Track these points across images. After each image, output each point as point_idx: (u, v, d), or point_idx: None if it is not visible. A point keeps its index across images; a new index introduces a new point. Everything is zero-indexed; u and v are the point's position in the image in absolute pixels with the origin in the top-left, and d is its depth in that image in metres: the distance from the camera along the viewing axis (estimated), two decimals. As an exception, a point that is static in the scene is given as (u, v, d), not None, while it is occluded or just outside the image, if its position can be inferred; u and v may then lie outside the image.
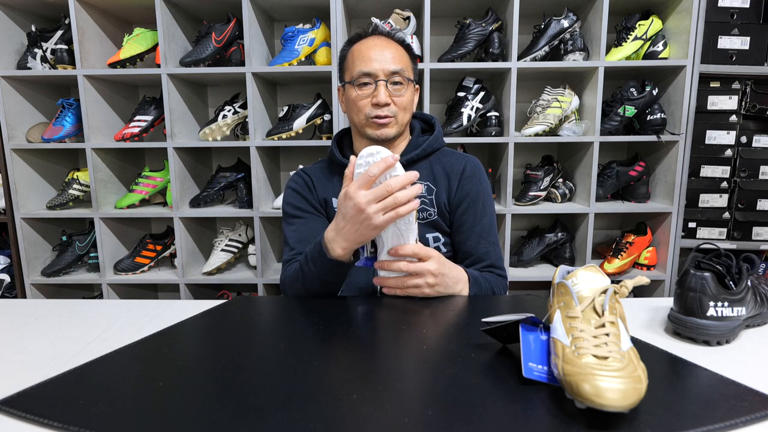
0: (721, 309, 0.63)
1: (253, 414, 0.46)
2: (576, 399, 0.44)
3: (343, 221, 0.76)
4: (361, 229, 0.75)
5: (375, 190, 0.72)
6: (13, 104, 1.69)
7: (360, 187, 0.73)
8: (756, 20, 1.61)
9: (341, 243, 0.78)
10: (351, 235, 0.76)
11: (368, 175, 0.72)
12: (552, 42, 1.63)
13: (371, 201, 0.72)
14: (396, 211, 0.72)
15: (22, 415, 0.48)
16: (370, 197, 0.72)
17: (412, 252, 0.79)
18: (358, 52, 0.98)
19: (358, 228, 0.75)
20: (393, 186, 0.71)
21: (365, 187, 0.73)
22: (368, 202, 0.72)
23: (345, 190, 0.75)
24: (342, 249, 0.79)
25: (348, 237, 0.77)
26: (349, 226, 0.75)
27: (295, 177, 1.09)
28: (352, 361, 0.59)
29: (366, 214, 0.72)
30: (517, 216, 1.84)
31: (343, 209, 0.75)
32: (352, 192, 0.73)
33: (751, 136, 1.67)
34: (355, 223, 0.74)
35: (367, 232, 0.75)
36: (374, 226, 0.73)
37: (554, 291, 0.57)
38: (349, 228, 0.76)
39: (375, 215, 0.72)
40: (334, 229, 0.79)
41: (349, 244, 0.78)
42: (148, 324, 0.74)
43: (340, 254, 0.80)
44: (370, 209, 0.72)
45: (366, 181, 0.73)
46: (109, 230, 1.76)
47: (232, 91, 1.85)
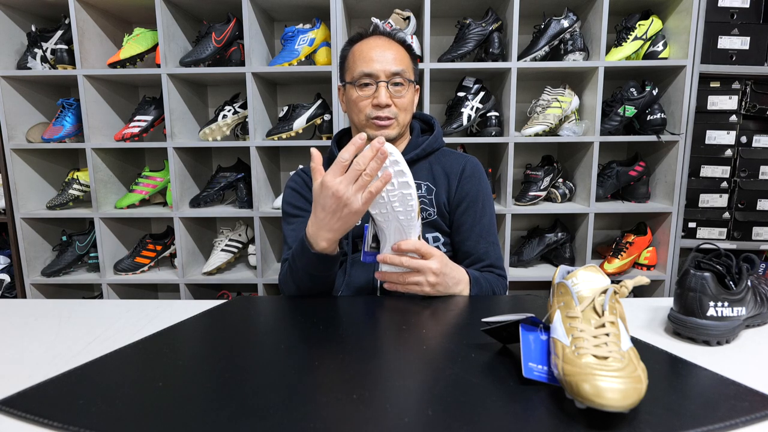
0: (721, 309, 0.63)
1: (253, 414, 0.46)
2: (576, 399, 0.44)
3: (323, 212, 0.74)
4: (342, 218, 0.74)
5: (348, 174, 0.71)
6: (13, 104, 1.69)
7: (335, 174, 0.71)
8: (756, 20, 1.61)
9: (325, 235, 0.77)
10: (333, 225, 0.75)
11: (340, 162, 0.71)
12: (552, 42, 1.63)
13: (347, 185, 0.71)
14: (368, 189, 0.71)
15: (22, 415, 0.48)
16: (345, 182, 0.71)
17: (415, 248, 0.79)
18: (360, 52, 0.98)
19: (340, 216, 0.74)
20: (361, 163, 0.70)
21: (339, 174, 0.71)
22: (345, 187, 0.71)
23: (319, 181, 0.73)
24: (326, 241, 0.78)
25: (330, 227, 0.76)
26: (330, 217, 0.74)
27: (294, 177, 1.09)
28: (352, 361, 0.59)
29: (344, 200, 0.71)
30: (517, 216, 1.84)
31: (321, 200, 0.74)
32: (328, 181, 0.72)
33: (751, 136, 1.67)
34: (335, 212, 0.73)
35: (350, 219, 0.74)
36: (355, 210, 0.72)
37: (554, 291, 0.57)
38: (330, 218, 0.74)
39: (353, 198, 0.71)
40: (314, 223, 0.78)
41: (333, 234, 0.77)
42: (148, 324, 0.74)
43: (325, 247, 0.79)
44: (347, 193, 0.71)
45: (339, 168, 0.71)
46: (109, 230, 1.77)
47: (232, 91, 1.85)
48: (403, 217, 0.77)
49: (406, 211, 0.76)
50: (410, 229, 0.79)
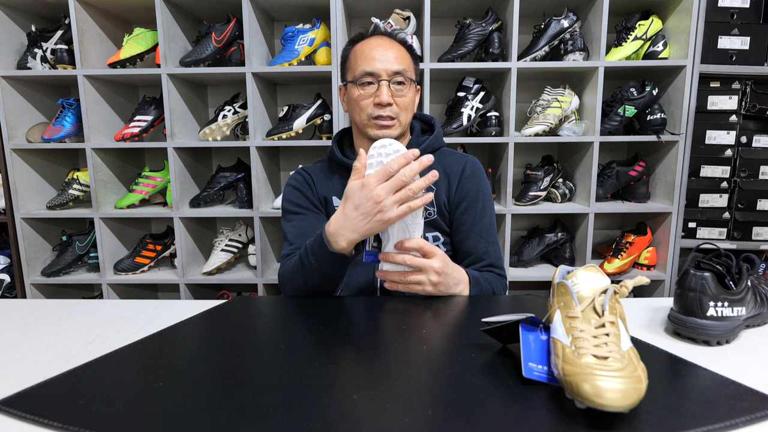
0: (721, 309, 0.63)
1: (253, 414, 0.46)
2: (576, 399, 0.44)
3: (355, 212, 0.75)
4: (372, 222, 0.75)
5: (391, 182, 0.72)
6: (13, 104, 1.69)
7: (379, 179, 0.73)
8: (756, 20, 1.61)
9: (347, 235, 0.77)
10: (360, 227, 0.76)
11: (388, 170, 0.72)
12: (552, 42, 1.63)
13: (389, 193, 0.72)
14: (408, 204, 0.73)
15: (22, 415, 0.48)
16: (387, 189, 0.72)
17: (418, 246, 0.79)
18: (361, 51, 0.98)
19: (370, 220, 0.74)
20: (407, 175, 0.72)
21: (383, 180, 0.73)
22: (386, 194, 0.72)
23: (362, 181, 0.74)
24: (346, 241, 0.78)
25: (356, 228, 0.76)
26: (361, 218, 0.75)
27: (295, 175, 1.09)
28: (352, 361, 0.59)
29: (381, 206, 0.73)
30: (517, 216, 1.84)
31: (357, 200, 0.74)
32: (371, 183, 0.73)
33: (751, 136, 1.67)
34: (368, 214, 0.74)
35: (377, 225, 0.75)
36: (386, 218, 0.74)
37: (554, 291, 0.57)
38: (361, 219, 0.75)
39: (390, 207, 0.73)
40: (340, 220, 0.78)
41: (356, 236, 0.77)
42: (148, 324, 0.74)
43: (344, 247, 0.79)
44: (387, 201, 0.72)
45: (384, 175, 0.73)
46: (109, 230, 1.77)
47: (232, 91, 1.85)
48: (408, 216, 0.77)
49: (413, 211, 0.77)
50: (414, 227, 0.79)
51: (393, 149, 0.76)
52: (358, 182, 0.75)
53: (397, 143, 0.76)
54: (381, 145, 0.77)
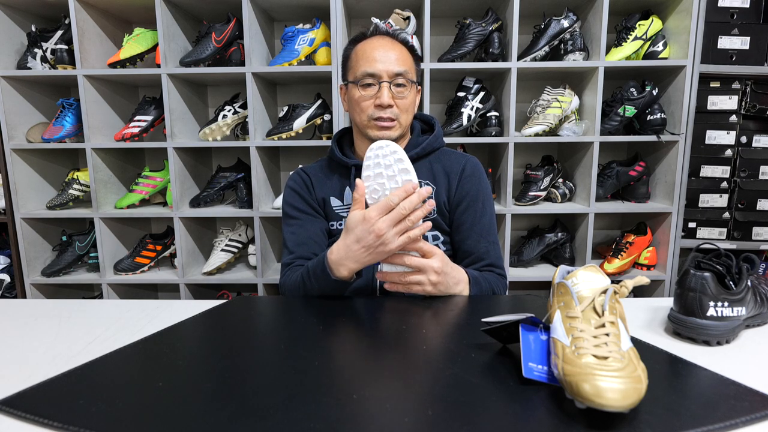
0: (721, 309, 0.63)
1: (253, 414, 0.46)
2: (576, 399, 0.44)
3: (357, 244, 0.76)
4: (373, 254, 0.77)
5: (392, 215, 0.74)
6: (13, 104, 1.69)
7: (380, 213, 0.74)
8: (756, 20, 1.61)
9: (349, 265, 0.79)
10: (362, 258, 0.78)
11: (388, 204, 0.74)
12: (552, 42, 1.63)
13: (390, 226, 0.74)
14: (408, 235, 0.75)
15: (22, 415, 0.48)
16: (388, 222, 0.73)
17: (417, 246, 0.79)
18: (363, 52, 0.98)
19: (371, 252, 0.76)
20: (407, 207, 0.73)
21: (384, 213, 0.74)
22: (388, 227, 0.73)
23: (363, 214, 0.75)
24: (348, 271, 0.80)
25: (358, 259, 0.78)
26: (363, 251, 0.76)
27: (294, 176, 1.09)
28: (352, 361, 0.59)
29: (383, 239, 0.74)
30: (517, 216, 1.84)
31: (359, 233, 0.75)
32: (372, 217, 0.74)
33: (751, 136, 1.67)
34: (369, 247, 0.76)
35: (380, 256, 0.78)
36: (389, 250, 0.76)
37: (554, 291, 0.57)
38: (362, 252, 0.77)
39: (392, 239, 0.74)
40: (342, 250, 0.79)
41: (357, 266, 0.79)
42: (148, 324, 0.74)
43: (345, 276, 0.81)
44: (388, 234, 0.74)
45: (385, 208, 0.74)
46: (109, 230, 1.76)
47: (232, 91, 1.85)
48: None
49: None
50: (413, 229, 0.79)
51: (390, 150, 0.76)
52: (359, 214, 0.76)
53: (394, 145, 0.77)
54: (378, 147, 0.77)
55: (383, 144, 0.77)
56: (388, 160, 0.76)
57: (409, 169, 0.76)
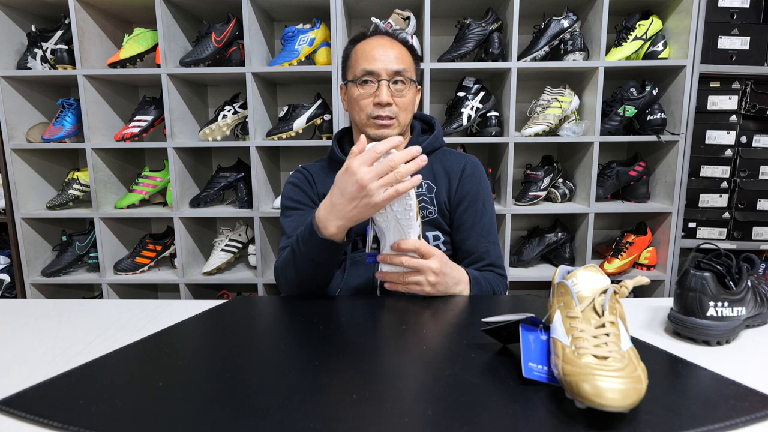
0: (721, 309, 0.63)
1: (253, 414, 0.46)
2: (576, 399, 0.44)
3: (341, 198, 0.73)
4: (359, 207, 0.73)
5: (377, 166, 0.70)
6: (13, 104, 1.69)
7: (363, 163, 0.70)
8: (756, 20, 1.61)
9: (335, 221, 0.76)
10: (347, 213, 0.74)
11: (374, 152, 0.70)
12: (552, 42, 1.63)
13: (374, 177, 0.70)
14: (395, 187, 0.71)
15: (22, 415, 0.48)
16: (373, 173, 0.70)
17: (414, 247, 0.79)
18: (362, 51, 0.98)
19: (357, 205, 0.72)
20: (395, 161, 0.70)
21: (368, 164, 0.71)
22: (371, 179, 0.70)
23: (346, 165, 0.72)
24: (336, 227, 0.77)
25: (344, 214, 0.75)
26: (347, 203, 0.73)
27: (295, 173, 1.09)
28: (352, 361, 0.59)
29: (367, 190, 0.70)
30: (517, 216, 1.84)
31: (342, 185, 0.73)
32: (354, 167, 0.70)
33: (751, 136, 1.67)
34: (353, 199, 0.72)
35: (365, 210, 0.73)
36: (373, 203, 0.71)
37: (554, 291, 0.57)
38: (346, 205, 0.73)
39: (376, 192, 0.70)
40: (328, 206, 0.76)
41: (344, 222, 0.76)
42: (148, 324, 0.74)
43: (333, 233, 0.78)
44: (372, 185, 0.70)
45: (370, 158, 0.71)
46: (109, 230, 1.76)
47: (232, 91, 1.85)
48: (401, 217, 0.77)
49: (405, 211, 0.76)
50: (409, 228, 0.79)
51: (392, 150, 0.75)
52: (344, 166, 0.73)
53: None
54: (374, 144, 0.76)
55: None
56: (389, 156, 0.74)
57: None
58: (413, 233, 0.79)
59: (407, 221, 0.78)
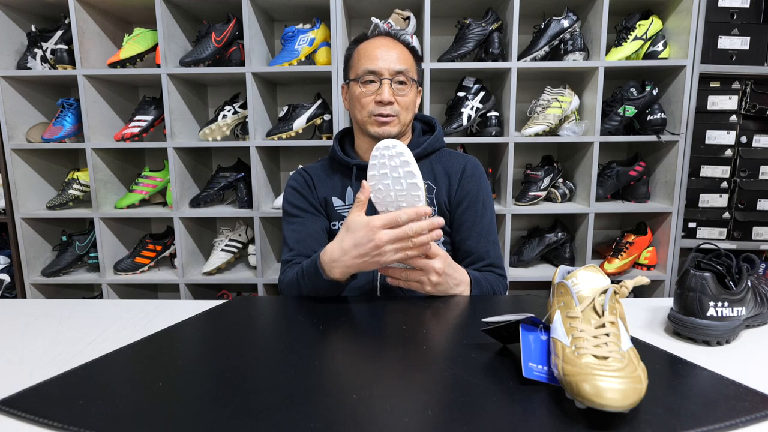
0: (721, 309, 0.63)
1: (253, 414, 0.46)
2: (576, 399, 0.44)
3: (354, 249, 0.75)
4: (368, 262, 0.76)
5: (396, 232, 0.73)
6: (13, 104, 1.69)
7: (385, 225, 0.73)
8: (756, 20, 1.61)
9: (341, 268, 0.78)
10: (354, 264, 0.77)
11: (396, 219, 0.72)
12: (552, 42, 1.63)
13: (391, 241, 0.73)
14: (406, 253, 0.74)
15: (22, 415, 0.48)
16: (392, 237, 0.72)
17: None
18: (365, 50, 0.99)
19: (366, 260, 0.75)
20: (414, 230, 0.72)
21: (389, 226, 0.73)
22: (388, 241, 0.73)
23: (368, 221, 0.74)
24: (340, 273, 0.79)
25: (351, 264, 0.77)
26: (358, 257, 0.75)
27: (295, 176, 1.09)
28: (352, 361, 0.59)
29: (381, 251, 0.74)
30: (517, 216, 1.84)
31: (358, 238, 0.74)
32: (376, 226, 0.73)
33: (751, 136, 1.67)
34: (365, 255, 0.75)
35: (372, 266, 0.77)
36: (382, 262, 0.75)
37: (554, 291, 0.57)
38: (357, 257, 0.76)
39: (388, 253, 0.74)
40: (336, 251, 0.78)
41: (349, 270, 0.79)
42: (148, 324, 0.74)
43: (338, 277, 0.80)
44: (387, 248, 0.73)
45: (391, 222, 0.73)
46: (109, 230, 1.76)
47: (232, 91, 1.85)
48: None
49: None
50: None
51: (396, 151, 0.74)
52: (363, 219, 0.74)
53: (401, 146, 0.75)
54: (384, 146, 0.76)
55: (389, 144, 0.75)
56: (394, 161, 0.75)
57: (415, 173, 0.74)
58: None
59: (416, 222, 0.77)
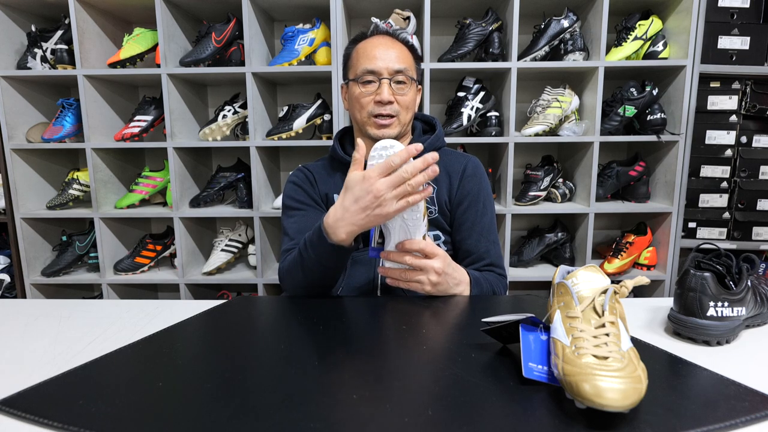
0: (721, 309, 0.63)
1: (253, 414, 0.46)
2: (576, 399, 0.44)
3: (355, 205, 0.75)
4: (370, 216, 0.74)
5: (392, 178, 0.72)
6: (13, 104, 1.69)
7: (380, 173, 0.72)
8: (756, 20, 1.61)
9: (346, 227, 0.77)
10: (358, 220, 0.75)
11: (389, 164, 0.72)
12: (552, 42, 1.63)
13: (389, 188, 0.72)
14: (407, 199, 0.73)
15: (22, 415, 0.48)
16: (388, 184, 0.72)
17: (419, 248, 0.79)
18: (363, 50, 0.99)
19: (369, 213, 0.74)
20: (409, 172, 0.72)
21: (384, 174, 0.72)
22: (386, 189, 0.72)
23: (363, 174, 0.74)
24: (345, 233, 0.77)
25: (355, 221, 0.76)
26: (359, 211, 0.75)
27: (296, 172, 1.09)
28: (352, 361, 0.59)
29: (380, 200, 0.72)
30: (517, 216, 1.84)
31: (357, 192, 0.74)
32: (372, 176, 0.72)
33: (751, 136, 1.67)
34: (367, 208, 0.74)
35: (376, 219, 0.75)
36: (385, 213, 0.73)
37: (554, 291, 0.57)
38: (359, 212, 0.75)
39: (389, 202, 0.72)
40: (339, 211, 0.77)
41: (355, 228, 0.77)
42: (148, 324, 0.74)
43: (343, 239, 0.78)
44: (386, 195, 0.72)
45: (386, 169, 0.72)
46: (109, 230, 1.76)
47: (232, 91, 1.85)
48: (408, 218, 0.77)
49: (412, 211, 0.76)
50: (415, 229, 0.79)
51: (395, 152, 0.74)
52: (359, 174, 0.74)
53: (399, 145, 0.75)
54: (382, 147, 0.76)
55: (387, 144, 0.75)
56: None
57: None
58: (419, 234, 0.79)
59: (414, 221, 0.78)
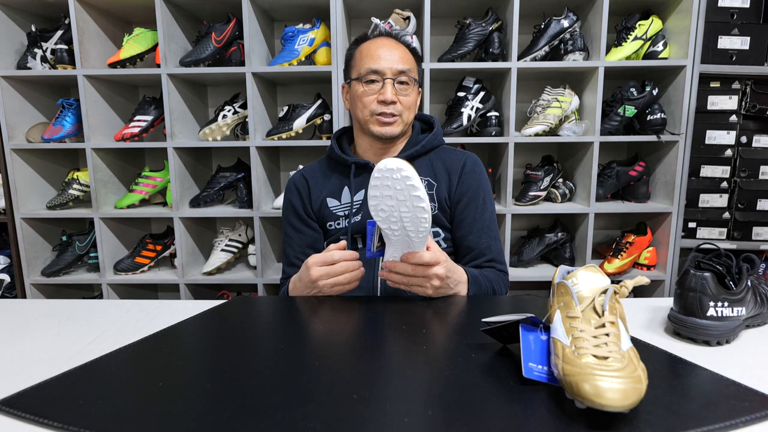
0: (721, 309, 0.63)
1: (253, 414, 0.46)
2: (576, 399, 0.44)
3: (299, 282, 0.89)
4: (313, 292, 0.86)
5: (328, 269, 0.83)
6: (13, 104, 1.69)
7: (319, 263, 0.83)
8: (756, 20, 1.61)
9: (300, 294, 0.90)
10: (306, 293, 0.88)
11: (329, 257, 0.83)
12: (552, 42, 1.63)
13: (323, 276, 0.83)
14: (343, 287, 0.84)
15: (22, 415, 0.48)
16: (322, 273, 0.83)
17: (423, 262, 0.78)
18: (367, 50, 0.99)
19: (310, 291, 0.86)
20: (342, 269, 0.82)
21: (324, 264, 0.83)
22: (319, 278, 0.83)
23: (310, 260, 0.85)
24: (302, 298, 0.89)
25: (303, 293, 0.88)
26: (303, 287, 0.87)
27: (290, 185, 1.10)
28: (352, 361, 0.59)
29: (316, 285, 0.84)
30: (517, 216, 1.84)
31: (301, 273, 0.88)
32: (311, 265, 0.84)
33: (751, 136, 1.67)
34: (307, 287, 0.86)
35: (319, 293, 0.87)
36: (324, 293, 0.85)
37: (554, 291, 0.57)
38: (304, 288, 0.87)
39: (325, 288, 0.84)
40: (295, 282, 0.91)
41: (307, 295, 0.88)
42: (148, 324, 0.74)
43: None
44: (321, 282, 0.83)
45: (325, 260, 0.83)
46: (109, 230, 1.76)
47: (232, 91, 1.85)
48: (413, 235, 0.75)
49: (418, 231, 0.74)
50: (418, 242, 0.77)
51: (402, 175, 0.71)
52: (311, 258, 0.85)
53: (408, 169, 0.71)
54: (388, 169, 0.71)
55: (394, 166, 0.71)
56: (399, 185, 0.71)
57: (423, 197, 0.71)
58: (421, 246, 0.78)
59: (419, 238, 0.76)
